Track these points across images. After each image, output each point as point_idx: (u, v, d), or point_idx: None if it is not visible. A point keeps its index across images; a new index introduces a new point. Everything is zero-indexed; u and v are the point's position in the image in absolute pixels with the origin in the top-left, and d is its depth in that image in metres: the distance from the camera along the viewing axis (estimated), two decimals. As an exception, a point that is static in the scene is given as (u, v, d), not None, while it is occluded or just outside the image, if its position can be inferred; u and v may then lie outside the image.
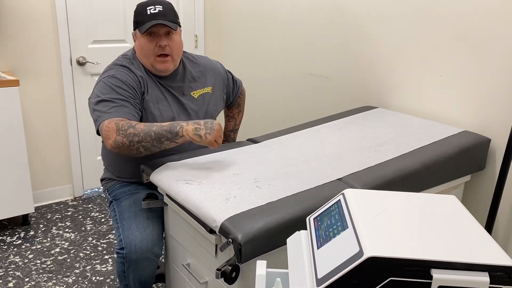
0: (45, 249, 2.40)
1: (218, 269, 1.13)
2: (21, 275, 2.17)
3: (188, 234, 1.42)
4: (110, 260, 2.32)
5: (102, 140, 1.59)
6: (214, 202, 1.23)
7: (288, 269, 0.89)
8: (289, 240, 0.97)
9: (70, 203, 2.95)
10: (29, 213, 2.67)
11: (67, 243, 2.46)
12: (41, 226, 2.64)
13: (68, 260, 2.31)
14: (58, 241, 2.48)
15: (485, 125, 1.84)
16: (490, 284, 0.71)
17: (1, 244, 2.44)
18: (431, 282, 0.71)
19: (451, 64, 1.92)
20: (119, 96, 1.54)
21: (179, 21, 1.66)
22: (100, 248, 2.43)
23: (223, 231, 1.14)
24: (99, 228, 2.63)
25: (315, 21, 2.54)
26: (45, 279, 2.15)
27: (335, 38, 2.44)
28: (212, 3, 3.32)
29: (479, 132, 1.86)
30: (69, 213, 2.81)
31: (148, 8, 1.58)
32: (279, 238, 1.18)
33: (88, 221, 2.71)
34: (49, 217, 2.75)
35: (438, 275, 0.71)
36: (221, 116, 2.09)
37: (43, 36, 2.69)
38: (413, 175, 1.50)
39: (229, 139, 2.05)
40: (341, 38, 2.41)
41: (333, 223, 0.87)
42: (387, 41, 2.17)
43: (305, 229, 1.01)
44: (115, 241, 2.48)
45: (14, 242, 2.46)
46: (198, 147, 1.71)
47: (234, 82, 1.94)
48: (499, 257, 0.73)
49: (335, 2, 2.40)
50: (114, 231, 1.94)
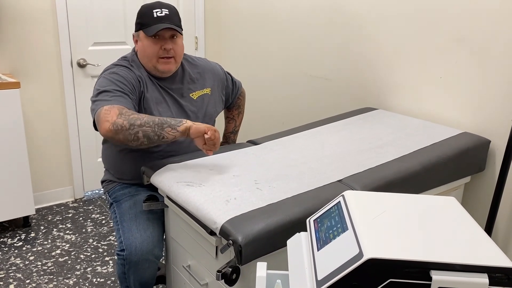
0: (46, 251, 2.40)
1: (219, 271, 1.14)
2: (22, 277, 2.17)
3: (189, 236, 1.43)
4: (111, 262, 2.32)
5: (98, 130, 1.47)
6: (215, 204, 1.24)
7: (288, 271, 0.89)
8: (289, 242, 0.97)
9: (71, 205, 2.96)
10: (30, 215, 2.68)
11: (68, 245, 2.47)
12: (42, 228, 2.64)
13: (69, 262, 2.31)
14: (59, 243, 2.48)
15: (485, 126, 1.84)
16: (489, 286, 0.71)
17: (2, 246, 2.44)
18: (431, 284, 0.72)
19: (451, 66, 1.93)
20: (119, 89, 1.54)
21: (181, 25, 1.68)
22: (101, 250, 2.43)
23: (224, 233, 1.15)
24: (100, 230, 2.64)
25: (315, 23, 2.54)
26: (46, 281, 2.15)
27: (335, 40, 2.45)
28: (212, 5, 3.33)
29: (479, 134, 1.86)
30: (70, 215, 2.82)
31: (155, 11, 1.59)
32: (280, 240, 1.18)
33: (89, 223, 2.72)
34: (50, 219, 2.76)
35: (438, 277, 0.71)
36: (221, 118, 2.09)
37: (44, 38, 2.69)
38: (413, 177, 1.50)
39: (229, 141, 2.06)
40: (341, 40, 2.41)
41: (333, 225, 0.87)
42: (387, 43, 2.17)
43: (305, 231, 1.01)
44: (116, 243, 2.48)
45: (15, 244, 2.47)
46: (199, 149, 1.72)
47: (233, 84, 1.95)
48: (498, 259, 0.73)
49: (335, 4, 2.40)
50: (115, 233, 1.94)
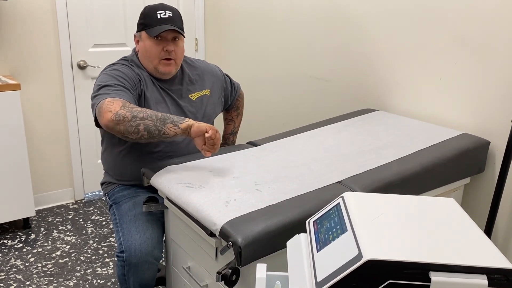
0: (46, 253, 2.40)
1: (219, 272, 1.14)
2: (22, 279, 2.17)
3: (189, 237, 1.43)
4: (111, 263, 2.32)
5: (99, 121, 1.44)
6: (214, 206, 1.24)
7: (288, 272, 0.90)
8: (289, 243, 0.97)
9: (71, 206, 2.96)
10: (30, 217, 2.68)
11: (68, 247, 2.47)
12: (42, 230, 2.64)
13: (69, 264, 2.31)
14: (59, 245, 2.49)
15: (485, 128, 1.84)
16: (488, 287, 0.72)
17: (2, 248, 2.44)
18: (430, 285, 0.72)
19: (451, 67, 1.93)
20: (121, 83, 1.55)
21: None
22: (101, 251, 2.43)
23: (223, 234, 1.15)
24: (100, 231, 2.64)
25: (315, 24, 2.54)
26: (46, 283, 2.15)
27: (335, 41, 2.45)
28: (212, 7, 3.34)
29: (479, 135, 1.86)
30: (70, 216, 2.82)
31: (158, 12, 1.61)
32: (279, 241, 1.18)
33: (89, 224, 2.72)
34: (50, 221, 2.76)
35: (437, 278, 0.71)
36: (220, 120, 2.10)
37: (44, 40, 2.70)
38: (413, 178, 1.50)
39: (229, 142, 2.06)
40: (341, 41, 2.41)
41: (333, 226, 0.87)
42: (387, 44, 2.18)
43: (305, 232, 1.02)
44: (116, 244, 2.48)
45: (15, 246, 2.47)
46: (198, 151, 1.72)
47: (232, 85, 1.96)
48: (497, 260, 0.74)
49: (335, 6, 2.41)
50: (115, 235, 1.94)
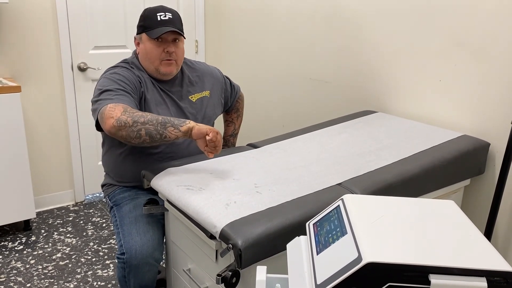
0: (47, 255, 2.41)
1: (219, 275, 1.14)
2: (23, 281, 2.17)
3: (189, 240, 1.43)
4: (112, 265, 2.32)
5: (102, 127, 1.46)
6: (215, 208, 1.24)
7: (288, 275, 0.90)
8: (289, 246, 0.97)
9: (72, 208, 2.96)
10: (31, 219, 2.68)
11: (69, 248, 2.47)
12: (43, 232, 2.64)
13: (70, 265, 2.31)
14: (60, 246, 2.49)
15: (485, 129, 1.85)
16: (488, 289, 0.72)
17: (3, 250, 2.44)
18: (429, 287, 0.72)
19: (450, 69, 1.93)
20: (121, 88, 1.56)
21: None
22: (102, 253, 2.43)
23: (224, 237, 1.15)
24: (100, 233, 2.64)
25: (315, 26, 2.55)
26: (47, 285, 2.15)
27: (335, 43, 2.45)
28: (212, 9, 3.34)
29: (479, 136, 1.86)
30: (71, 218, 2.82)
31: (158, 14, 1.62)
32: (279, 244, 1.18)
33: (90, 226, 2.72)
34: (51, 223, 2.76)
35: (436, 280, 0.71)
36: (220, 122, 2.10)
37: (44, 42, 2.70)
38: (413, 180, 1.51)
39: (229, 144, 2.06)
40: (341, 43, 2.42)
41: (333, 229, 0.87)
42: (387, 46, 2.18)
43: (305, 235, 1.02)
44: (116, 246, 2.48)
45: (16, 248, 2.47)
46: (199, 152, 1.72)
47: (232, 87, 1.97)
48: (497, 262, 0.74)
49: (335, 7, 2.41)
50: (115, 237, 1.94)
